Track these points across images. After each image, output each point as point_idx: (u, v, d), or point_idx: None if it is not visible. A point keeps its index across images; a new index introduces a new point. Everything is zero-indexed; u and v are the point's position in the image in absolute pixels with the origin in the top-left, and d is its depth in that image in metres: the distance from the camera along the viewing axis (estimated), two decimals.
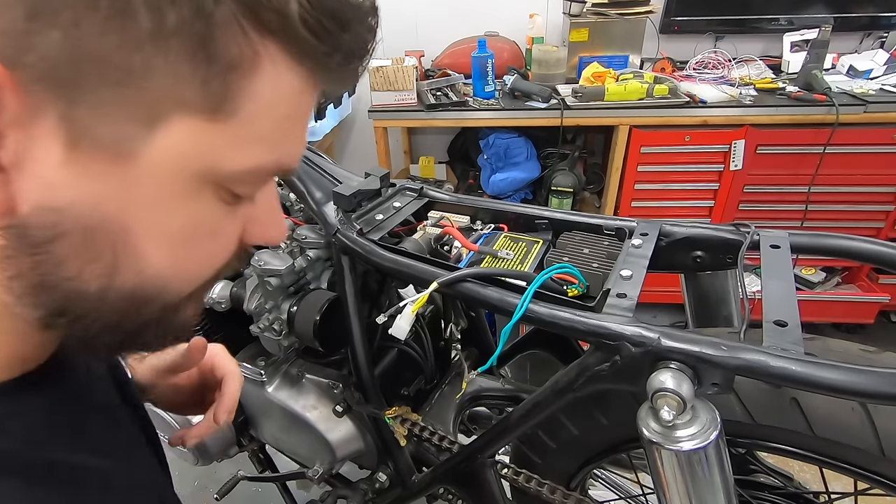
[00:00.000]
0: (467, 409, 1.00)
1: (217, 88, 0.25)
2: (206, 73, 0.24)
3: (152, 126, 0.24)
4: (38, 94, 0.22)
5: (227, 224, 0.31)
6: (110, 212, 0.26)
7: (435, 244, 0.78)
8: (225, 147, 0.26)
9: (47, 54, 0.22)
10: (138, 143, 0.24)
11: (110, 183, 0.25)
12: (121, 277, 0.28)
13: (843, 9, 1.90)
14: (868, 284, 1.99)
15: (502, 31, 2.10)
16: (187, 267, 0.31)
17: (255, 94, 0.26)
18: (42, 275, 0.27)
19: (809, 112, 1.67)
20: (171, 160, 0.26)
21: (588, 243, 0.67)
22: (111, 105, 0.23)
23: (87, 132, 0.24)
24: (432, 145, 2.44)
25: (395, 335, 0.65)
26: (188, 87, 0.24)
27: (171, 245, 0.29)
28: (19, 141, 0.23)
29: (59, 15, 0.21)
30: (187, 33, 0.23)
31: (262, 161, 0.28)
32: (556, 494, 0.69)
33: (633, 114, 1.75)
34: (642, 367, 0.50)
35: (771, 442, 0.58)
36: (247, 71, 0.25)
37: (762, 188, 1.84)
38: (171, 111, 0.24)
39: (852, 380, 0.42)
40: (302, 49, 0.26)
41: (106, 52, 0.22)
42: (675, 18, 1.99)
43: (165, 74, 0.23)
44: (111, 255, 0.27)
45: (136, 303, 0.29)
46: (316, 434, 0.87)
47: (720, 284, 0.69)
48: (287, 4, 0.24)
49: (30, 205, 0.25)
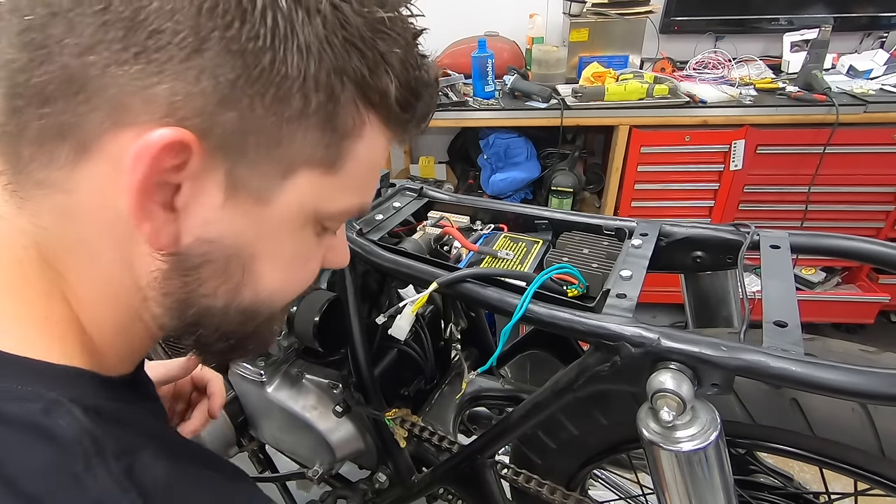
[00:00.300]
0: (467, 410, 1.00)
1: (335, 150, 0.32)
2: (329, 140, 0.32)
3: (286, 178, 0.32)
4: (214, 157, 0.29)
5: (317, 251, 0.39)
6: (246, 242, 0.33)
7: (435, 244, 0.78)
8: (330, 194, 0.34)
9: (226, 129, 0.29)
10: (274, 190, 0.32)
11: (250, 220, 0.32)
12: (242, 295, 0.35)
13: (843, 9, 1.90)
14: (868, 284, 1.99)
15: (502, 31, 2.10)
16: (289, 286, 0.39)
17: (358, 153, 0.34)
18: (188, 292, 0.34)
19: (809, 112, 1.67)
20: (294, 203, 0.33)
21: (588, 243, 0.67)
22: (262, 164, 0.31)
23: (242, 183, 0.31)
24: (432, 145, 2.44)
25: (394, 335, 0.65)
26: (316, 149, 0.32)
27: (282, 269, 0.37)
28: (192, 190, 0.30)
29: (240, 101, 0.28)
30: (322, 112, 0.30)
31: (352, 204, 0.37)
32: (555, 495, 0.69)
33: (633, 114, 1.75)
34: (642, 367, 0.50)
35: (771, 442, 0.58)
36: (356, 136, 0.33)
37: (762, 188, 1.84)
38: (300, 167, 0.32)
39: (852, 380, 0.42)
40: (391, 117, 0.34)
41: (265, 127, 0.29)
42: (675, 18, 1.99)
43: (303, 141, 0.31)
44: (239, 277, 0.34)
45: (248, 316, 0.37)
46: (315, 434, 0.87)
47: (720, 284, 0.69)
48: (388, 86, 0.32)
49: (191, 237, 0.31)
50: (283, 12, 0.28)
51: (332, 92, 0.30)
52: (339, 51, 0.30)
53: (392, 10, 0.32)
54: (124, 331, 0.35)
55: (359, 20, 0.30)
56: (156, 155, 0.27)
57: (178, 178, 0.29)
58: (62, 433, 0.27)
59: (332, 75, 0.30)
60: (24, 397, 0.27)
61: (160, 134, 0.27)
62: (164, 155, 0.27)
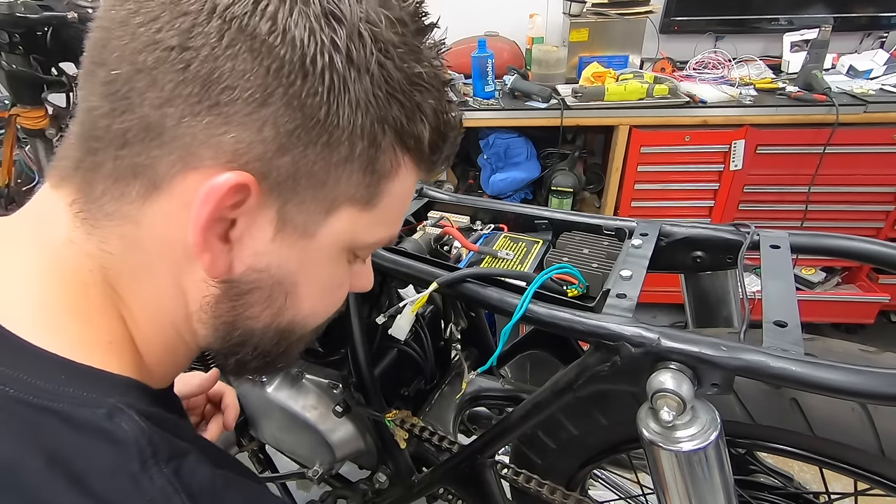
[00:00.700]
0: (467, 410, 1.00)
1: (373, 190, 0.36)
2: (370, 181, 0.35)
3: (329, 214, 0.35)
4: (268, 196, 0.33)
5: (347, 278, 0.43)
6: (290, 271, 0.37)
7: (435, 244, 0.78)
8: (366, 227, 0.38)
9: (282, 172, 0.32)
10: (318, 225, 0.36)
11: (296, 252, 0.36)
12: (282, 317, 0.39)
13: (843, 9, 1.90)
14: (868, 284, 1.99)
15: (502, 31, 2.10)
16: (323, 309, 0.43)
17: (393, 191, 0.37)
18: (235, 316, 0.37)
19: (809, 112, 1.67)
20: (335, 237, 0.37)
21: (588, 243, 0.67)
22: (310, 203, 0.34)
23: (290, 219, 0.34)
24: None
25: (394, 335, 0.65)
26: (357, 190, 0.35)
27: (318, 294, 0.41)
28: (246, 224, 0.33)
29: (295, 149, 0.32)
30: (365, 156, 0.34)
31: (384, 236, 0.40)
32: (555, 495, 0.69)
33: (633, 114, 1.75)
34: (642, 367, 0.50)
35: (771, 442, 0.58)
36: (392, 177, 0.36)
37: (762, 188, 1.84)
38: (343, 204, 0.35)
39: (852, 380, 0.42)
40: (423, 159, 0.38)
41: (315, 171, 0.33)
42: (675, 18, 1.99)
43: (347, 182, 0.34)
44: (282, 301, 0.38)
45: (283, 336, 0.41)
46: (315, 434, 0.87)
47: (720, 284, 0.69)
48: (423, 132, 0.36)
49: (243, 267, 0.35)
50: (338, 72, 0.31)
51: (375, 139, 0.34)
52: (383, 103, 0.33)
53: (427, 65, 0.36)
54: (170, 350, 0.39)
55: (399, 74, 0.33)
56: (222, 196, 0.31)
57: (235, 214, 0.32)
58: (124, 436, 0.29)
59: (376, 124, 0.33)
60: (91, 403, 0.30)
61: (227, 178, 0.31)
62: (229, 196, 0.31)
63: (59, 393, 0.30)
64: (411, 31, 0.35)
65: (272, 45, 0.30)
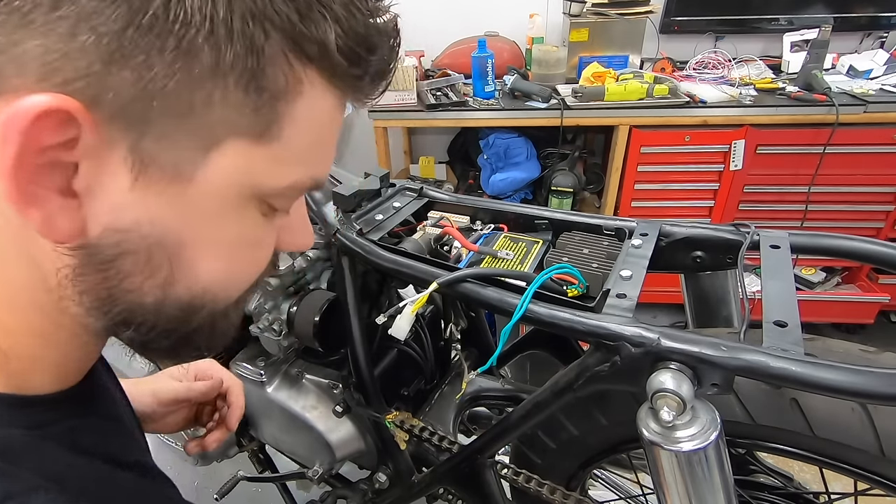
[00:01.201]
0: (467, 410, 1.00)
1: (266, 115, 0.27)
2: (256, 102, 0.27)
3: (208, 150, 0.27)
4: (111, 129, 0.25)
5: (266, 234, 0.34)
6: (168, 229, 0.28)
7: (435, 244, 0.78)
8: (269, 166, 0.29)
9: (121, 94, 0.24)
10: (196, 166, 0.27)
11: (169, 203, 0.27)
12: (176, 288, 0.31)
13: (843, 9, 1.90)
14: (868, 284, 1.99)
15: (502, 31, 2.10)
16: (234, 276, 0.34)
17: (296, 117, 0.28)
18: (108, 289, 0.29)
19: (809, 112, 1.67)
20: (223, 180, 0.28)
21: (588, 243, 0.67)
22: (174, 135, 0.26)
23: (152, 160, 0.26)
24: (432, 145, 2.44)
25: (394, 335, 0.65)
26: (241, 115, 0.26)
27: (221, 257, 0.32)
28: (91, 170, 0.25)
29: (132, 59, 0.23)
30: (241, 68, 0.25)
31: (301, 178, 0.31)
32: (555, 495, 0.69)
33: (633, 114, 1.75)
34: (642, 367, 0.50)
35: (771, 442, 0.58)
36: (291, 97, 0.28)
37: (762, 188, 1.84)
38: (225, 136, 0.27)
39: (852, 380, 0.42)
40: (336, 73, 0.29)
41: (172, 90, 0.24)
42: (675, 18, 1.98)
43: (222, 105, 0.26)
44: (168, 269, 0.30)
45: (189, 311, 0.32)
46: (315, 434, 0.87)
47: (720, 284, 0.69)
48: (327, 35, 0.27)
49: (99, 227, 0.27)
50: None
51: (252, 43, 0.25)
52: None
53: None
54: (46, 340, 0.32)
55: None
56: (29, 126, 0.23)
57: (73, 157, 0.25)
58: None
59: (250, 21, 0.24)
60: None
61: (32, 101, 0.22)
62: (41, 126, 0.23)
63: None
64: None
65: None
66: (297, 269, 0.80)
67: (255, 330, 0.81)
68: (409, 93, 1.85)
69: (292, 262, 0.77)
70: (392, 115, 1.87)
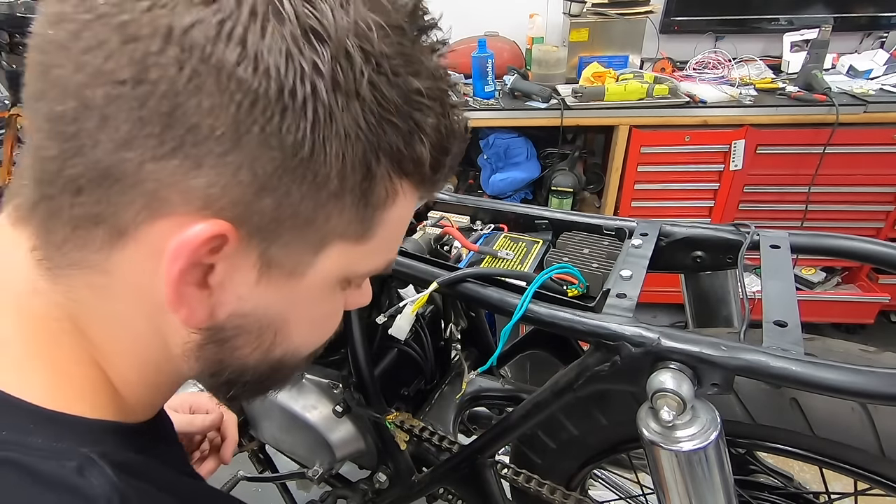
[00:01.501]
0: (467, 410, 1.00)
1: (368, 222, 0.32)
2: (363, 214, 0.31)
3: (318, 253, 0.32)
4: (249, 241, 0.29)
5: (341, 305, 0.40)
6: (279, 312, 0.34)
7: (435, 244, 0.78)
8: (361, 259, 0.34)
9: (263, 216, 0.28)
10: (307, 265, 0.32)
11: (283, 294, 0.33)
12: (273, 352, 0.36)
13: (843, 9, 1.90)
14: (868, 284, 1.99)
15: (502, 31, 2.10)
16: (316, 340, 0.41)
17: (389, 220, 0.33)
18: (222, 357, 0.35)
19: (809, 112, 1.67)
20: (326, 274, 0.33)
21: (588, 243, 0.67)
22: (296, 243, 0.31)
23: (275, 262, 0.31)
24: None
25: (394, 335, 0.65)
26: (349, 225, 0.31)
27: (311, 327, 0.39)
28: (226, 270, 0.30)
29: (277, 190, 0.28)
30: (357, 190, 0.30)
31: (380, 264, 0.37)
32: (556, 494, 0.69)
33: (633, 114, 1.75)
34: (642, 367, 0.50)
35: (771, 442, 0.58)
36: (388, 206, 0.32)
37: (762, 188, 1.84)
38: (333, 242, 0.32)
39: (852, 380, 0.42)
40: (423, 180, 0.33)
41: (300, 211, 0.29)
42: (675, 18, 1.98)
43: (338, 219, 0.30)
44: (271, 339, 0.35)
45: (277, 367, 0.38)
46: (315, 434, 0.87)
47: (720, 284, 0.69)
48: (422, 154, 0.31)
49: (225, 313, 0.32)
50: (322, 102, 0.27)
51: (369, 170, 0.29)
52: (376, 129, 0.29)
53: (427, 75, 0.31)
54: (153, 387, 0.37)
55: (394, 93, 0.29)
56: (195, 250, 0.27)
57: (213, 260, 0.29)
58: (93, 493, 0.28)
59: (369, 154, 0.29)
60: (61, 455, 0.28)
61: (198, 230, 0.27)
62: (203, 247, 0.28)
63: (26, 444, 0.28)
64: (409, 37, 0.30)
65: (242, 77, 0.25)
66: None
67: None
68: None
69: None
70: None
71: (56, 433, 0.29)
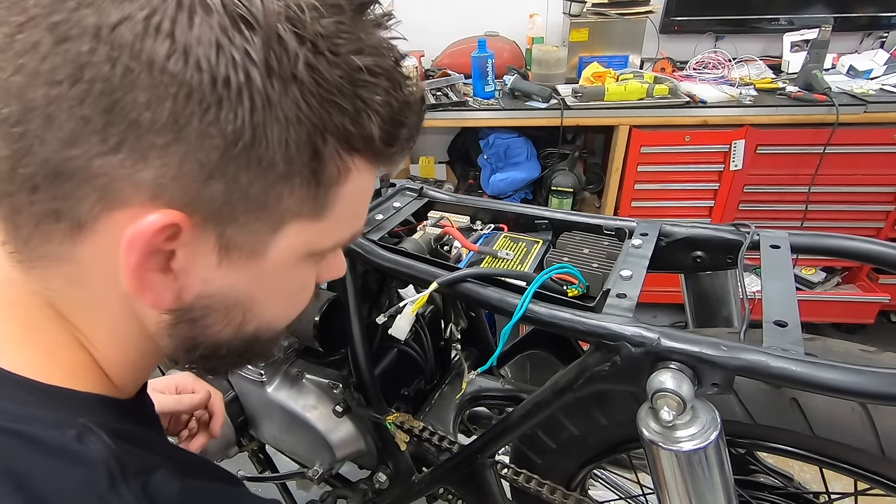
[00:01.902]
0: (467, 410, 1.00)
1: (322, 200, 0.33)
2: (315, 192, 0.32)
3: (276, 232, 0.33)
4: (204, 226, 0.30)
5: (313, 277, 0.41)
6: (244, 290, 0.35)
7: (435, 244, 0.78)
8: (321, 234, 0.35)
9: (214, 201, 0.29)
10: (266, 245, 0.33)
11: (246, 274, 0.34)
12: (245, 328, 0.38)
13: (843, 9, 1.90)
14: (868, 284, 1.99)
15: (502, 31, 2.10)
16: (289, 313, 0.42)
17: (345, 195, 0.34)
18: (195, 335, 0.36)
19: (809, 112, 1.66)
20: (288, 252, 0.34)
21: (588, 243, 0.67)
22: (252, 225, 0.32)
23: (234, 244, 0.32)
24: (432, 145, 2.44)
25: (394, 335, 0.65)
26: (303, 203, 0.32)
27: (281, 302, 0.40)
28: (187, 255, 0.31)
29: (224, 176, 0.29)
30: (306, 170, 0.31)
31: (345, 236, 0.38)
32: (556, 494, 0.69)
33: (633, 114, 1.75)
34: (642, 367, 0.50)
35: (771, 442, 0.58)
36: (341, 182, 0.33)
37: (762, 188, 1.84)
38: (289, 220, 0.33)
39: (852, 380, 0.42)
40: (377, 155, 0.34)
41: (251, 194, 0.30)
42: (675, 18, 1.98)
43: (289, 199, 0.31)
44: (241, 316, 0.37)
45: (253, 341, 0.40)
46: (316, 434, 0.87)
47: (720, 284, 0.69)
48: (371, 129, 0.31)
49: (192, 295, 0.33)
50: (258, 89, 0.27)
51: (316, 151, 0.30)
52: (318, 110, 0.29)
53: (371, 51, 0.31)
54: (135, 366, 0.39)
55: (335, 73, 0.29)
56: (148, 240, 0.28)
57: (172, 246, 0.30)
58: (92, 456, 0.30)
59: (314, 136, 0.30)
60: (60, 424, 0.30)
61: (151, 220, 0.28)
62: (157, 237, 0.29)
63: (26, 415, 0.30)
64: (348, 14, 0.30)
65: (173, 71, 0.26)
66: None
67: None
68: None
69: None
70: None
71: (54, 405, 0.32)
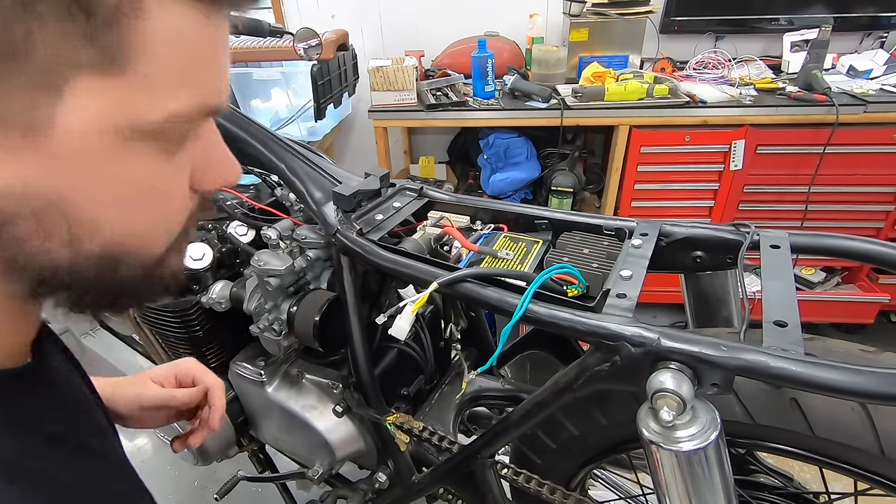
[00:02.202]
0: (467, 409, 1.00)
1: (105, 43, 0.24)
2: (86, 30, 0.24)
3: (56, 93, 0.25)
4: None
5: (171, 175, 0.31)
6: (46, 186, 0.26)
7: (435, 244, 0.78)
8: (135, 98, 0.26)
9: None
10: (49, 113, 0.25)
11: (34, 158, 0.25)
12: (85, 245, 0.29)
13: (843, 9, 1.90)
14: (868, 284, 1.99)
15: (502, 31, 2.10)
16: (147, 224, 0.31)
17: (149, 37, 0.25)
18: (11, 256, 0.28)
19: (809, 112, 1.67)
20: (86, 122, 0.26)
21: (588, 243, 0.67)
22: (10, 81, 0.23)
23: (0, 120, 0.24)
24: (432, 145, 2.44)
25: (394, 335, 0.65)
26: (74, 47, 0.24)
27: (119, 206, 0.29)
28: None
29: None
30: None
31: (182, 105, 0.28)
32: (555, 494, 0.69)
33: (633, 114, 1.75)
34: (642, 367, 0.50)
35: (771, 442, 0.58)
36: (132, 18, 0.25)
37: (762, 188, 1.84)
38: (68, 75, 0.24)
39: (852, 380, 0.42)
40: None
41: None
42: (675, 18, 1.98)
43: (47, 38, 0.23)
44: (66, 227, 0.28)
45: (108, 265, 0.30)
46: (316, 434, 0.87)
47: (720, 284, 0.69)
48: None
49: None
50: None
51: None
52: None
53: None
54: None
55: None
56: None
57: None
58: None
59: None
60: None
61: None
62: None
63: None
64: None
65: None
66: (298, 268, 0.80)
67: (255, 330, 0.81)
68: (409, 93, 1.85)
69: (292, 262, 0.77)
70: (392, 115, 1.87)
71: None
